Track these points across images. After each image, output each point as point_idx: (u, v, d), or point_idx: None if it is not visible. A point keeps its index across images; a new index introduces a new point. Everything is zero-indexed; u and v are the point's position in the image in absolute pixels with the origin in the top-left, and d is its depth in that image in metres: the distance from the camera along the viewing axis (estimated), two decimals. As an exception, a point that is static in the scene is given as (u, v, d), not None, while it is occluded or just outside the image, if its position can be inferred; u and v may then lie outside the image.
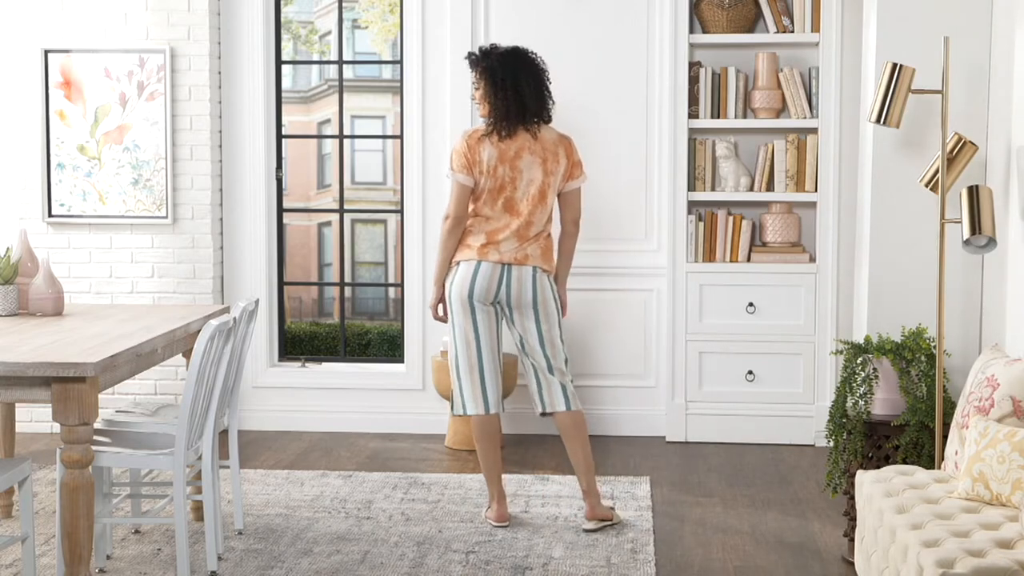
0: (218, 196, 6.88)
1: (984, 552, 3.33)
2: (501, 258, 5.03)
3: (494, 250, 5.03)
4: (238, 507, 5.02)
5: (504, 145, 5.04)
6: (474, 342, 5.07)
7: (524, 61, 5.11)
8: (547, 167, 5.08)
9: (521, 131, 5.06)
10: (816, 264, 6.58)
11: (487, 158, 5.03)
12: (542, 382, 5.13)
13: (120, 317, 5.02)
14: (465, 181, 5.04)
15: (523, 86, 5.05)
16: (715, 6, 6.58)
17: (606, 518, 5.11)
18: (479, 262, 5.03)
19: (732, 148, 6.62)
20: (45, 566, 4.60)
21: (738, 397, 6.65)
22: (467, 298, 5.04)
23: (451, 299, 5.07)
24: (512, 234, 5.04)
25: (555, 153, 5.10)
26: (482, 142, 5.05)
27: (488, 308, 5.07)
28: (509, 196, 5.05)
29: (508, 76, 5.05)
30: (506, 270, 5.04)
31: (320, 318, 8.07)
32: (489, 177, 5.03)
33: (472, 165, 5.03)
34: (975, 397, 4.07)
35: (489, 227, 5.06)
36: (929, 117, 4.99)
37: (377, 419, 6.92)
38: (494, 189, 5.04)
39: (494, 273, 5.03)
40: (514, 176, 5.04)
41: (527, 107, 5.05)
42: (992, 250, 4.45)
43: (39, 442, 6.66)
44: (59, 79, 6.75)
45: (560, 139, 5.14)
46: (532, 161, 5.06)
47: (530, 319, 5.08)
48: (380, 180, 7.93)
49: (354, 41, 7.87)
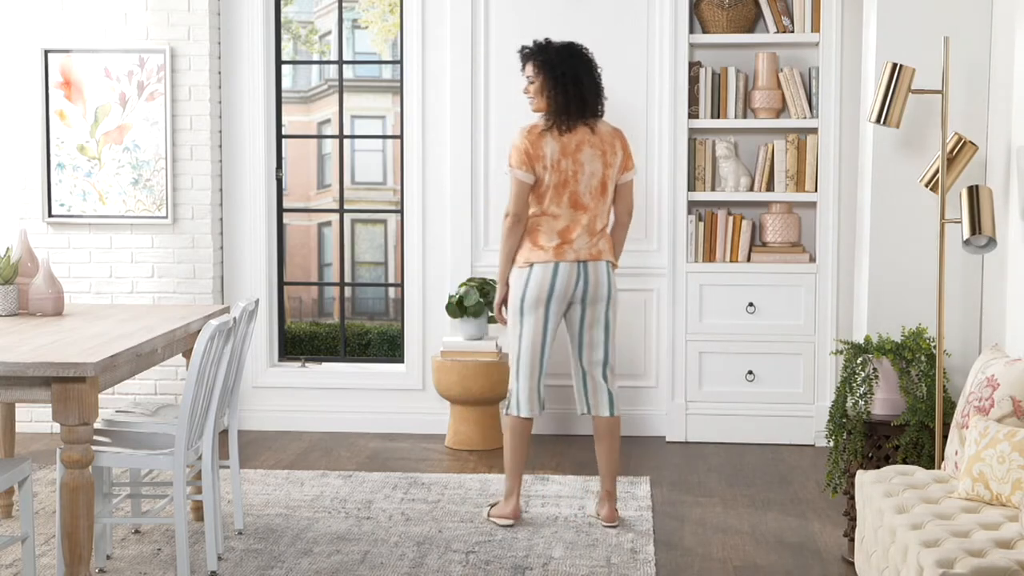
0: (218, 196, 6.88)
1: (984, 552, 3.33)
2: (577, 256, 5.06)
3: (570, 249, 5.05)
4: (238, 507, 5.02)
5: (565, 139, 5.05)
6: (539, 344, 5.11)
7: (580, 56, 5.14)
8: (606, 159, 5.10)
9: (580, 125, 5.08)
10: (816, 264, 6.58)
11: (550, 153, 5.03)
12: (589, 385, 5.18)
13: (120, 317, 5.02)
14: (525, 178, 5.03)
15: (582, 80, 5.08)
16: (715, 6, 6.58)
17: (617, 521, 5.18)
18: (556, 263, 5.04)
19: (732, 148, 6.62)
20: (45, 566, 4.60)
21: (738, 397, 6.65)
22: (545, 300, 5.05)
23: (523, 301, 5.07)
24: (584, 230, 5.07)
25: (612, 145, 5.13)
26: (543, 137, 5.05)
27: (558, 310, 5.09)
28: (574, 190, 5.05)
29: (568, 70, 5.07)
30: (582, 267, 5.07)
31: (320, 318, 8.07)
32: (553, 172, 5.03)
33: (535, 161, 5.03)
34: (975, 397, 4.07)
35: (559, 225, 5.06)
36: (929, 117, 4.99)
37: (377, 419, 6.92)
38: (559, 184, 5.04)
39: (572, 272, 5.05)
40: (576, 170, 5.05)
41: (586, 101, 5.08)
42: (992, 250, 4.45)
43: (39, 442, 6.66)
44: (59, 79, 6.75)
45: (614, 131, 5.17)
46: (592, 154, 5.08)
47: (601, 313, 5.12)
48: (380, 180, 7.92)
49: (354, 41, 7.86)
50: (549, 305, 5.06)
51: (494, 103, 6.78)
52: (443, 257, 6.86)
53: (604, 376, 5.18)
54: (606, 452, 5.20)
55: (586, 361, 5.17)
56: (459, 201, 6.80)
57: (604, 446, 5.20)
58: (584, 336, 5.15)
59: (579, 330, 5.15)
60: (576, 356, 5.19)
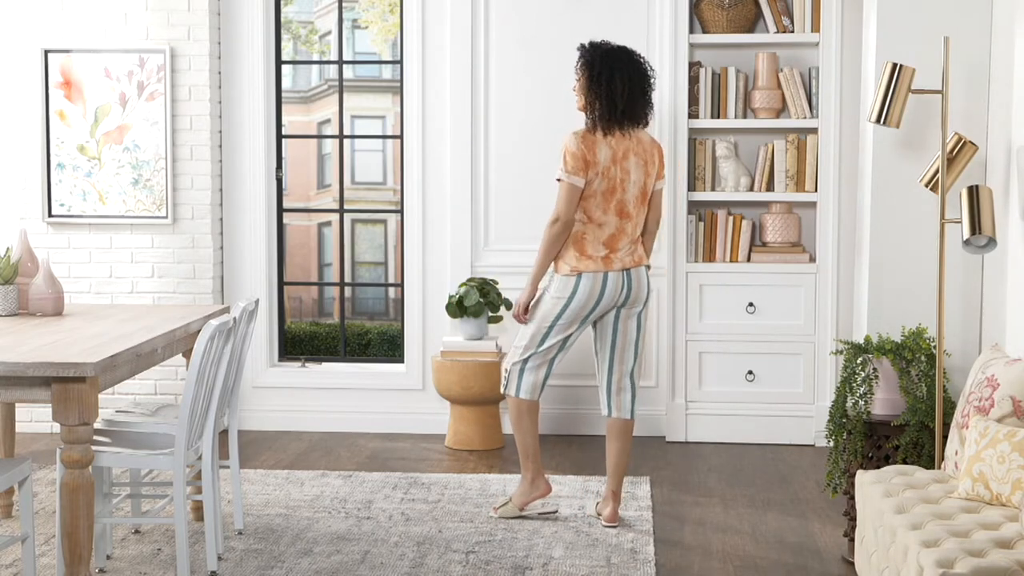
0: (218, 196, 6.88)
1: (984, 552, 3.33)
2: (623, 264, 5.08)
3: (616, 258, 5.07)
4: (238, 507, 5.02)
5: (615, 146, 5.05)
6: (560, 345, 5.13)
7: (637, 63, 5.12)
8: (647, 168, 5.12)
9: (629, 132, 5.08)
10: (816, 264, 6.58)
11: (603, 159, 5.02)
12: (613, 388, 5.19)
13: (120, 317, 5.02)
14: (578, 183, 5.00)
15: (636, 87, 5.06)
16: (715, 6, 6.58)
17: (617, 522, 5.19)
18: (606, 273, 5.05)
19: (732, 148, 6.62)
20: (45, 566, 4.60)
21: (738, 397, 6.65)
22: (588, 312, 5.07)
23: (565, 308, 5.05)
24: (628, 239, 5.09)
25: (652, 155, 5.15)
26: (597, 142, 5.04)
27: (592, 320, 5.12)
28: (621, 199, 5.05)
29: (618, 75, 5.04)
30: (626, 275, 5.08)
31: (320, 318, 8.07)
32: (603, 178, 5.02)
33: (589, 166, 5.01)
34: (975, 397, 4.07)
35: (604, 234, 5.06)
36: (929, 117, 4.99)
37: (377, 419, 6.92)
38: (607, 191, 5.03)
39: (619, 280, 5.07)
40: (623, 178, 5.05)
41: (638, 109, 5.08)
42: (992, 250, 4.45)
43: (39, 442, 6.66)
44: (59, 79, 6.75)
45: (652, 141, 5.18)
46: (637, 163, 5.08)
47: (635, 315, 5.14)
48: (380, 180, 7.92)
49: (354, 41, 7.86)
50: (587, 318, 5.08)
51: (494, 103, 6.77)
52: (443, 257, 6.86)
53: (631, 378, 5.19)
54: (618, 453, 5.20)
55: (616, 363, 5.17)
56: (459, 201, 6.80)
57: (617, 447, 5.20)
58: (618, 341, 5.15)
59: (612, 333, 5.14)
60: (607, 359, 5.18)
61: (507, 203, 6.75)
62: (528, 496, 5.24)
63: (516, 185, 6.77)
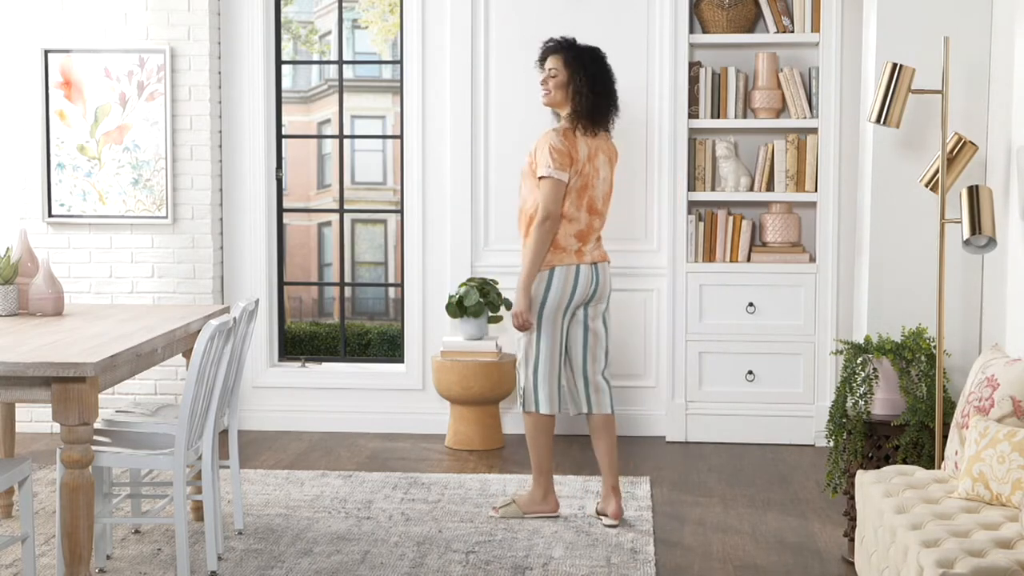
0: (218, 196, 6.88)
1: (984, 552, 3.33)
2: (592, 258, 5.15)
3: (586, 251, 5.13)
4: (238, 507, 5.02)
5: (590, 144, 5.12)
6: (558, 347, 5.16)
7: (605, 64, 5.21)
8: (612, 166, 5.22)
9: (600, 131, 5.16)
10: (816, 264, 6.58)
11: (583, 155, 5.09)
12: (591, 387, 5.22)
13: (120, 317, 5.02)
14: (564, 179, 5.05)
15: (609, 88, 5.16)
16: (715, 6, 6.58)
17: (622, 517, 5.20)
18: (578, 266, 5.10)
19: (732, 148, 6.62)
20: (45, 566, 4.60)
21: (738, 397, 6.65)
22: (566, 304, 5.11)
23: (545, 304, 5.10)
24: (595, 235, 5.16)
25: (615, 154, 5.27)
26: (577, 139, 5.09)
27: (571, 312, 5.14)
28: (592, 195, 5.12)
29: (599, 75, 5.14)
30: (595, 269, 5.15)
31: (320, 318, 8.07)
32: (579, 176, 5.08)
33: (573, 162, 5.07)
34: (975, 397, 4.07)
35: (575, 229, 5.10)
36: (929, 117, 4.99)
37: (377, 419, 6.92)
38: (581, 188, 5.08)
39: (590, 274, 5.13)
40: (594, 175, 5.12)
41: (610, 109, 5.17)
42: (992, 250, 4.45)
43: (39, 442, 6.66)
44: (59, 79, 6.75)
45: (611, 141, 5.27)
46: (604, 161, 5.18)
47: (600, 315, 5.21)
48: (380, 180, 7.92)
49: (354, 41, 7.86)
50: (568, 308, 5.12)
51: (494, 103, 6.77)
52: (443, 257, 6.86)
53: (604, 376, 5.23)
54: (607, 448, 5.22)
55: (590, 363, 5.21)
56: (459, 201, 6.80)
57: (604, 442, 5.23)
58: (589, 340, 5.19)
59: (583, 333, 5.19)
60: (581, 360, 5.20)
61: (507, 203, 6.75)
62: (535, 508, 5.25)
63: (516, 185, 6.76)
